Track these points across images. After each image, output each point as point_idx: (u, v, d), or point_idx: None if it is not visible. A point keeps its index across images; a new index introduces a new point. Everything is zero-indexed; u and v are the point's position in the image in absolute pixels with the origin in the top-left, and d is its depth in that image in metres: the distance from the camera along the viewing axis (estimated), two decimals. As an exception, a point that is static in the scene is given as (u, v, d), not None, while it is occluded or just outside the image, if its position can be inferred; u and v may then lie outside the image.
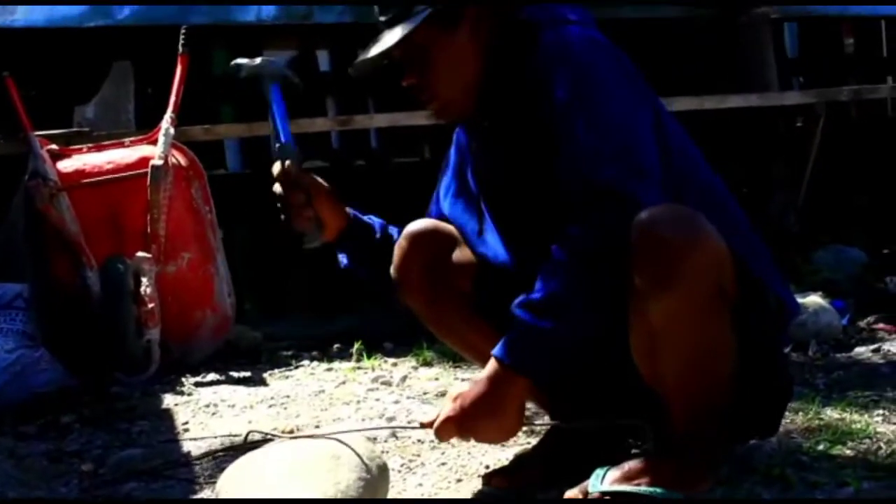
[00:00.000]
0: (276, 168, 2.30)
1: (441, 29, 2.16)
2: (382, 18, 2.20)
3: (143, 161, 4.25)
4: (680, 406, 2.03)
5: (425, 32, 2.15)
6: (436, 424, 2.04)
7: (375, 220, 2.47)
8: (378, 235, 2.44)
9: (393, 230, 2.46)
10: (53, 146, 4.37)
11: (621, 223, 1.91)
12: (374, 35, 2.21)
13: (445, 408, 2.04)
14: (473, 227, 2.34)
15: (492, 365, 2.00)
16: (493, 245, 2.29)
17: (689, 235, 1.90)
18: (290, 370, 4.15)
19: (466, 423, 2.00)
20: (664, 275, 1.89)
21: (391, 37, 2.16)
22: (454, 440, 2.15)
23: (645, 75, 2.17)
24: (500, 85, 2.18)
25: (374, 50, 2.18)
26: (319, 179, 2.37)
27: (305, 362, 4.30)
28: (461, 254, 2.38)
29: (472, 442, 2.30)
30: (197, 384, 3.87)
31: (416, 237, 2.39)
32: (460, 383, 2.08)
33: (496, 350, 2.00)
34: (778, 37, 7.04)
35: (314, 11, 6.16)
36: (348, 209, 2.43)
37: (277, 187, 2.32)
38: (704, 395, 2.00)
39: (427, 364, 4.04)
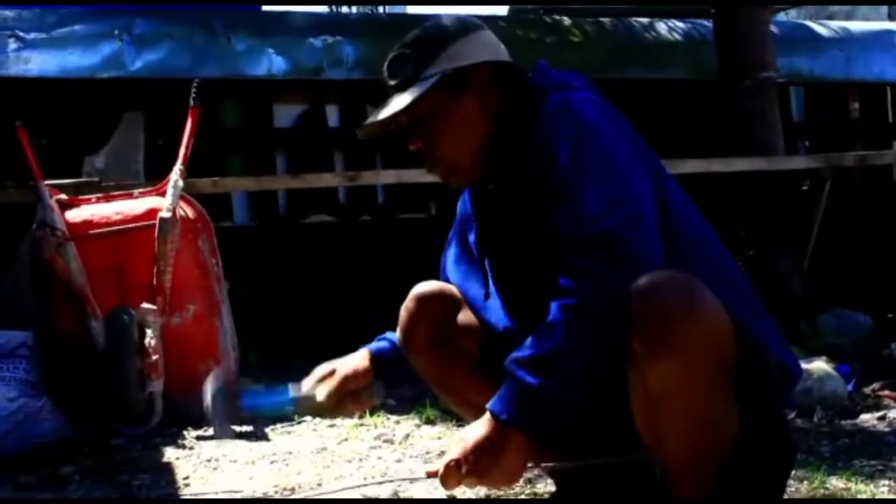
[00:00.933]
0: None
1: (448, 95, 2.18)
2: (392, 83, 2.21)
3: (152, 212, 4.26)
4: (680, 471, 2.01)
5: (433, 98, 2.16)
6: (440, 472, 2.03)
7: (395, 340, 2.49)
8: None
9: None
10: (62, 196, 4.39)
11: (617, 270, 1.91)
12: (383, 94, 2.22)
13: (449, 454, 2.03)
14: (477, 292, 2.34)
15: (488, 417, 2.00)
16: (497, 311, 2.29)
17: (688, 304, 1.89)
18: (293, 425, 4.12)
19: (471, 468, 1.99)
20: (662, 343, 1.87)
21: (399, 102, 2.17)
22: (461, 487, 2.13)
23: (649, 137, 2.19)
24: (505, 149, 2.19)
25: (382, 114, 2.19)
26: (332, 375, 2.39)
27: (308, 418, 4.27)
28: (468, 316, 2.38)
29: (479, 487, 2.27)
30: (199, 438, 3.85)
31: (423, 299, 2.39)
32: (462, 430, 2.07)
33: (491, 404, 1.99)
34: (784, 101, 7.07)
35: (325, 67, 6.21)
36: (368, 352, 2.45)
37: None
38: (704, 462, 1.98)
39: (430, 422, 4.01)
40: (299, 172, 5.78)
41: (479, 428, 2.01)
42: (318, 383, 2.39)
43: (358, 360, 2.45)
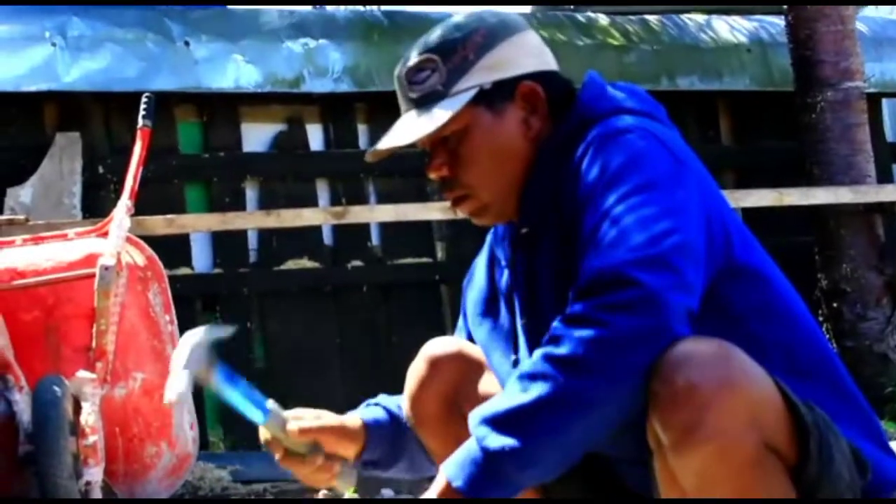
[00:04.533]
0: (278, 452, 2.31)
1: (487, 112, 2.16)
2: (412, 96, 2.18)
3: (90, 259, 4.25)
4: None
5: (467, 116, 2.15)
6: None
7: (391, 408, 2.46)
8: (404, 423, 2.44)
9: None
10: (-20, 237, 4.39)
11: (626, 315, 1.90)
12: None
13: None
14: (502, 357, 2.32)
15: (443, 479, 1.99)
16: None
17: (722, 378, 1.86)
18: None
19: None
20: (691, 427, 1.86)
21: (426, 121, 2.13)
22: None
23: (705, 163, 2.17)
24: (543, 186, 2.17)
25: (404, 136, 2.16)
26: (320, 421, 2.36)
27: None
28: (490, 384, 2.36)
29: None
30: (147, 539, 3.82)
31: (436, 362, 2.37)
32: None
33: (445, 463, 1.99)
34: (874, 116, 7.07)
35: (305, 77, 6.24)
36: (361, 416, 2.42)
37: (280, 460, 2.32)
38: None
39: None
40: (274, 208, 5.78)
41: (432, 492, 2.00)
42: (294, 419, 2.35)
43: (349, 419, 2.41)
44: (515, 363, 2.29)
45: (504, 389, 1.97)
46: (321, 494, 4.43)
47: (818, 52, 6.39)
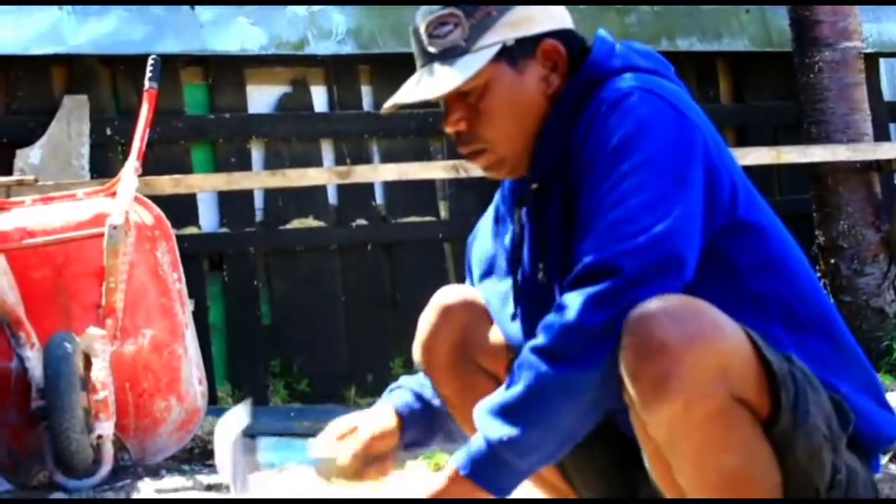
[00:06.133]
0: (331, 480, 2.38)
1: (509, 68, 2.18)
2: (432, 50, 2.17)
3: (99, 218, 4.27)
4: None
5: (490, 72, 2.15)
6: None
7: (417, 390, 2.49)
8: (433, 401, 2.47)
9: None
10: (-10, 198, 4.41)
11: (605, 303, 1.92)
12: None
13: None
14: (502, 311, 2.34)
15: (452, 473, 2.03)
16: (520, 337, 2.29)
17: (689, 332, 1.88)
18: (273, 474, 4.12)
19: None
20: (659, 382, 1.88)
21: (449, 77, 2.13)
22: None
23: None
24: (553, 144, 2.18)
25: (432, 91, 2.15)
26: (354, 434, 2.40)
27: (292, 465, 4.27)
28: (498, 333, 2.38)
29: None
30: (158, 491, 3.86)
31: (447, 310, 2.40)
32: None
33: (454, 456, 2.03)
34: (872, 76, 7.06)
35: (309, 39, 6.22)
36: (393, 405, 2.46)
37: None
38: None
39: (440, 469, 4.01)
40: (279, 167, 5.79)
41: (441, 479, 2.04)
42: (337, 441, 2.40)
43: (383, 418, 2.44)
44: (513, 317, 2.31)
45: (506, 379, 2.02)
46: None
47: (816, 12, 6.37)
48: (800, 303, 2.13)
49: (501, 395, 2.00)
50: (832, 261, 6.33)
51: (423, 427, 2.47)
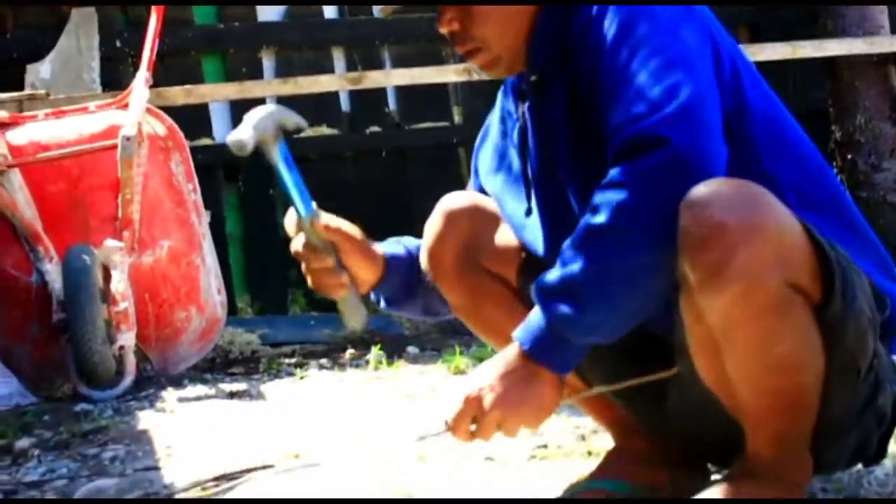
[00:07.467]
0: (298, 241, 2.29)
1: None
2: None
3: (112, 130, 4.27)
4: (756, 423, 2.04)
5: None
6: (456, 409, 2.05)
7: (411, 248, 2.47)
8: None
9: None
10: (2, 113, 4.39)
11: (659, 178, 1.91)
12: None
13: (467, 386, 2.05)
14: (516, 207, 2.34)
15: (515, 346, 2.04)
16: (538, 231, 2.29)
17: (750, 218, 1.88)
18: (294, 382, 4.15)
19: (497, 401, 2.02)
20: (718, 267, 1.88)
21: None
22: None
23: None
24: (550, 32, 2.18)
25: None
26: (347, 228, 2.35)
27: (312, 371, 4.31)
28: (506, 235, 2.38)
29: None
30: (181, 400, 3.88)
31: (453, 214, 2.40)
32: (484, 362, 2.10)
33: (517, 331, 2.04)
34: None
35: (317, -54, 6.17)
36: (382, 250, 2.42)
37: (298, 248, 2.30)
38: (785, 411, 2.00)
39: (460, 373, 4.04)
40: (291, 75, 5.76)
41: (504, 358, 2.05)
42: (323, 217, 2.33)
43: (373, 245, 2.40)
44: (528, 212, 2.31)
45: (560, 257, 2.00)
46: (348, 355, 4.49)
47: None
48: (811, 184, 2.15)
49: (559, 272, 1.99)
50: (849, 156, 6.30)
51: (403, 283, 2.43)
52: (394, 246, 2.45)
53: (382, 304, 2.47)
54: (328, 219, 2.32)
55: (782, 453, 2.04)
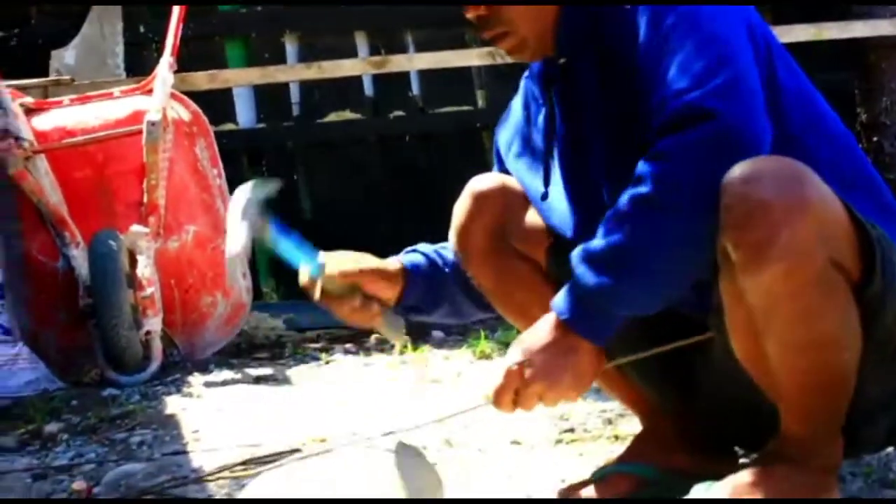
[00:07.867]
0: (318, 294, 2.31)
1: None
2: None
3: (137, 116, 4.28)
4: (792, 403, 2.03)
5: None
6: (498, 380, 2.06)
7: (430, 254, 2.47)
8: (444, 268, 2.45)
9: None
10: (28, 99, 4.40)
11: (705, 151, 1.91)
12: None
13: (508, 358, 2.06)
14: (537, 189, 2.34)
15: (553, 316, 2.04)
16: (563, 214, 2.29)
17: (794, 196, 1.88)
18: (319, 366, 4.16)
19: (537, 372, 2.03)
20: (762, 246, 1.87)
21: None
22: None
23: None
24: (578, 15, 2.17)
25: None
26: (357, 263, 2.36)
27: (338, 356, 4.32)
28: (535, 217, 2.38)
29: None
30: (207, 384, 3.90)
31: (482, 196, 2.40)
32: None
33: (555, 301, 2.05)
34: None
35: (340, -73, 6.16)
36: (400, 260, 2.43)
37: (321, 300, 2.33)
38: (821, 391, 2.00)
39: (486, 357, 4.04)
40: (314, 60, 5.76)
41: (542, 328, 2.05)
42: (337, 259, 2.37)
43: (388, 262, 2.43)
44: (544, 196, 2.31)
45: (601, 227, 2.00)
46: (374, 339, 4.50)
47: None
48: (844, 162, 2.15)
49: (602, 241, 1.99)
50: (875, 138, 6.26)
51: (427, 289, 2.45)
52: (412, 256, 2.47)
53: (410, 315, 2.48)
54: (335, 263, 2.34)
55: (816, 433, 2.03)
